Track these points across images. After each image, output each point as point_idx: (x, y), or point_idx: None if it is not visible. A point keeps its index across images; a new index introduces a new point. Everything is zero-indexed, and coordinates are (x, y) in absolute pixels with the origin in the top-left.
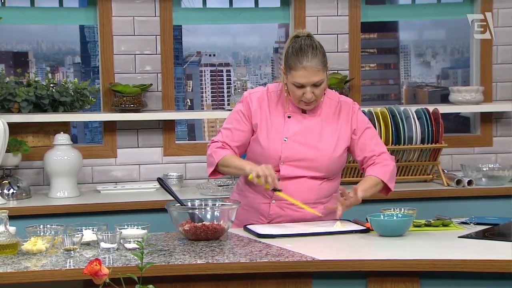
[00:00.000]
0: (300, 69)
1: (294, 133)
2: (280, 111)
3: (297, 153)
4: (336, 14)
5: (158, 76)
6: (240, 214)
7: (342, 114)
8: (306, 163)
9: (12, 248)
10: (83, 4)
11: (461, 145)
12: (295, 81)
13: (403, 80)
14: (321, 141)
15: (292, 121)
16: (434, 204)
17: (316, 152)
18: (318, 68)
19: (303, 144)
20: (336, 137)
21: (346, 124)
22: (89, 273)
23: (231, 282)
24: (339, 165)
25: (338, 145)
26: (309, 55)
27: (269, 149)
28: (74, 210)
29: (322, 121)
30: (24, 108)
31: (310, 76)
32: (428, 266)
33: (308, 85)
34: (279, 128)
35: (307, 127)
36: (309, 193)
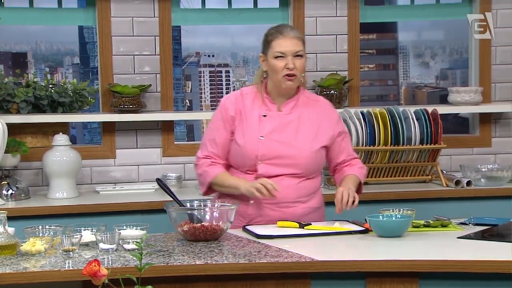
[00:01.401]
0: (281, 37)
1: (270, 131)
2: (256, 111)
3: (273, 151)
4: (335, 15)
5: (157, 77)
6: None
7: (321, 113)
8: (284, 161)
9: (11, 249)
10: (82, 5)
11: (460, 145)
12: (276, 51)
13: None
14: (298, 138)
15: (268, 120)
16: (433, 205)
17: (293, 149)
18: (298, 38)
19: (280, 141)
20: (313, 134)
21: (326, 126)
22: (88, 274)
23: (230, 282)
24: (317, 162)
25: (315, 142)
26: (288, 27)
27: (246, 148)
28: (73, 211)
29: (299, 118)
30: (23, 109)
31: (290, 44)
32: (427, 266)
33: (289, 54)
34: (255, 127)
35: (283, 124)
36: (288, 191)
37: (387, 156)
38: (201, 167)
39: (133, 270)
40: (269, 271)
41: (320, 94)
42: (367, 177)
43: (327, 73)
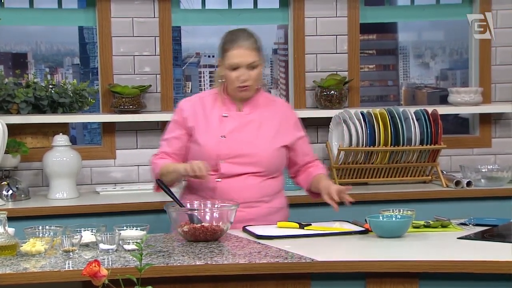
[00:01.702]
0: (235, 48)
1: (231, 130)
2: (216, 112)
3: (235, 149)
4: (335, 15)
5: (157, 77)
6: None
7: (281, 113)
8: (245, 159)
9: (11, 250)
10: (82, 5)
11: (460, 146)
12: (230, 62)
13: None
14: (258, 137)
15: (229, 120)
16: (433, 205)
17: (254, 148)
18: (252, 48)
19: (241, 140)
20: (273, 132)
21: (288, 127)
22: (88, 275)
23: (230, 283)
24: (279, 161)
25: (276, 141)
26: (243, 36)
27: (207, 147)
28: (73, 211)
29: (259, 117)
30: (23, 109)
31: (244, 55)
32: (427, 267)
33: (243, 66)
34: (216, 128)
35: (244, 124)
36: (251, 191)
37: (387, 156)
38: (151, 164)
39: (133, 270)
40: (269, 272)
41: (320, 94)
42: (367, 178)
43: (327, 73)
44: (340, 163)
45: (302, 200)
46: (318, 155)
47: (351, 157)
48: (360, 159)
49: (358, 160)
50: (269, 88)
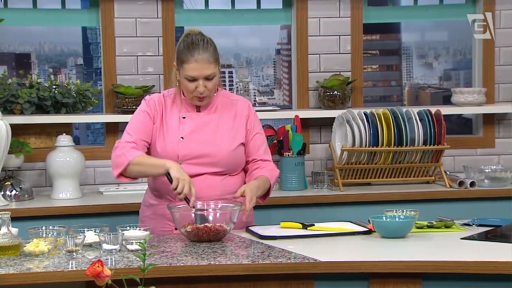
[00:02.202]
0: (192, 61)
1: (190, 131)
2: (175, 113)
3: (194, 150)
4: (338, 16)
5: (160, 78)
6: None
7: (238, 112)
8: (205, 160)
9: (14, 250)
10: (85, 6)
11: (463, 146)
12: (187, 75)
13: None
14: (217, 137)
15: (187, 121)
16: (437, 206)
17: (213, 148)
18: (209, 61)
19: (200, 141)
20: (232, 132)
21: (242, 123)
22: (91, 275)
23: (233, 283)
24: (238, 159)
25: (234, 141)
26: (200, 48)
27: (167, 150)
28: (76, 212)
29: (218, 117)
30: (26, 110)
31: (202, 69)
32: (431, 267)
33: (200, 78)
34: (175, 129)
35: (203, 124)
36: (212, 189)
37: (390, 157)
38: (121, 149)
39: (137, 270)
40: (273, 272)
41: (323, 94)
42: (370, 178)
43: (330, 73)
44: (343, 163)
45: (305, 201)
46: (322, 155)
47: (354, 158)
48: (363, 160)
49: (361, 160)
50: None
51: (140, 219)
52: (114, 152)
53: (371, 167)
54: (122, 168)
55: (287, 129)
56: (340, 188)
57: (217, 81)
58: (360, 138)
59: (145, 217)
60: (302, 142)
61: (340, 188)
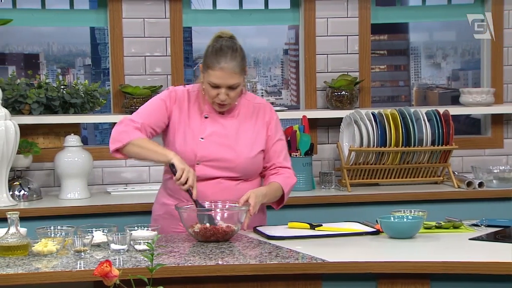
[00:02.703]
0: (218, 69)
1: (210, 133)
2: (198, 112)
3: (213, 153)
4: (346, 16)
5: (168, 78)
6: (161, 223)
7: (259, 116)
8: (222, 163)
9: (23, 249)
10: (93, 6)
11: (471, 147)
12: (210, 81)
13: (413, 81)
14: (238, 142)
15: (209, 121)
16: (445, 206)
17: (232, 153)
18: (235, 71)
19: (220, 144)
20: (253, 138)
21: (263, 128)
22: (99, 275)
23: (240, 284)
24: (255, 166)
25: (255, 147)
26: (228, 56)
27: (186, 149)
28: (84, 212)
29: (239, 122)
30: (35, 110)
31: (226, 78)
32: (439, 268)
33: (223, 87)
34: (196, 128)
35: (224, 127)
36: (226, 194)
37: (398, 157)
38: (125, 126)
39: (144, 271)
40: (280, 272)
41: (331, 95)
42: (378, 178)
43: (338, 74)
44: (351, 163)
45: (313, 201)
46: (330, 156)
47: (362, 158)
48: (371, 160)
49: (369, 160)
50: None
51: (152, 217)
52: (117, 126)
53: (379, 167)
54: (121, 145)
55: (295, 129)
56: (348, 188)
57: (240, 90)
58: (368, 139)
59: (157, 215)
60: (309, 143)
61: (348, 188)
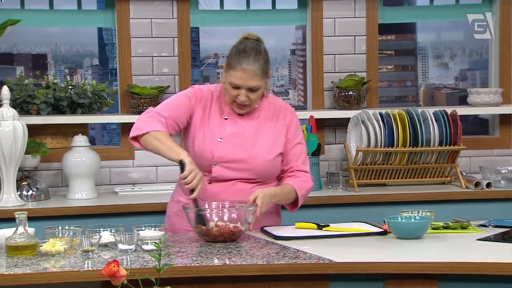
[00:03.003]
0: (239, 70)
1: (229, 134)
2: (218, 112)
3: (230, 154)
4: (353, 16)
5: (176, 78)
6: (174, 220)
7: (280, 119)
8: (239, 165)
9: (31, 249)
10: (101, 7)
11: (479, 147)
12: (231, 81)
13: (420, 82)
14: (256, 144)
15: (229, 123)
16: (453, 207)
17: (249, 155)
18: (256, 74)
19: (238, 145)
20: (272, 141)
21: (283, 132)
22: (107, 275)
23: (248, 284)
24: (273, 169)
25: (273, 150)
26: (250, 58)
27: (204, 148)
28: (92, 212)
29: (259, 124)
30: (42, 110)
31: (247, 79)
32: (447, 268)
33: (244, 88)
34: (215, 129)
35: (243, 129)
36: (240, 196)
37: (406, 157)
38: (151, 117)
39: (152, 271)
40: (288, 272)
41: (338, 95)
42: (385, 179)
43: (345, 74)
44: (358, 164)
45: (320, 201)
46: (337, 156)
47: (370, 158)
48: (379, 160)
49: (376, 161)
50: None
51: (166, 214)
52: (143, 115)
53: (387, 167)
54: (139, 133)
55: (302, 130)
56: (355, 188)
57: (261, 93)
58: (375, 139)
59: (171, 212)
60: (317, 143)
61: (355, 188)
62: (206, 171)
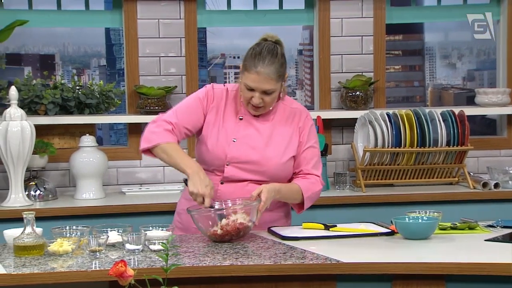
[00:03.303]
0: (253, 72)
1: (244, 135)
2: (233, 112)
3: (244, 155)
4: (360, 16)
5: (183, 79)
6: (184, 218)
7: (294, 121)
8: (252, 167)
9: (38, 249)
10: (108, 7)
11: (487, 147)
12: (246, 83)
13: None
14: (270, 146)
15: (244, 123)
16: (460, 207)
17: (262, 156)
18: (271, 77)
19: (251, 147)
20: (285, 143)
21: (296, 134)
22: (114, 275)
23: (255, 284)
24: (285, 172)
25: (286, 153)
26: (265, 61)
27: (217, 148)
28: (99, 212)
29: (273, 126)
30: (50, 110)
31: (261, 82)
32: (454, 269)
33: (258, 91)
34: (230, 129)
35: (258, 130)
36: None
37: (413, 158)
38: (158, 127)
39: (159, 271)
40: (295, 273)
41: (345, 95)
42: (392, 179)
43: (353, 74)
44: (366, 164)
45: (327, 201)
46: (344, 156)
47: (377, 158)
48: (386, 160)
49: (383, 161)
50: (294, 89)
51: (176, 211)
52: (150, 125)
53: (394, 168)
54: (150, 146)
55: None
56: (363, 189)
57: (276, 96)
58: (383, 139)
59: (182, 210)
60: (324, 143)
61: (362, 189)
62: (219, 170)
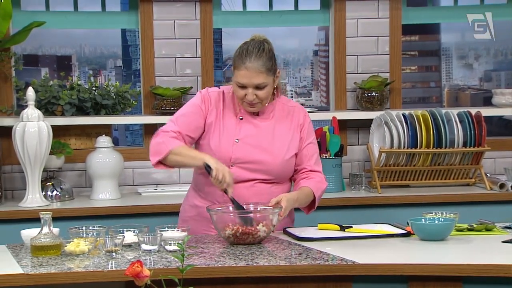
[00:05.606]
0: (243, 69)
1: (246, 135)
2: (233, 113)
3: (248, 155)
4: (376, 17)
5: (198, 79)
6: (192, 224)
7: (294, 119)
8: (257, 166)
9: (55, 249)
10: (125, 8)
11: (504, 148)
12: (237, 81)
13: (444, 82)
14: (273, 144)
15: (244, 123)
16: (477, 208)
17: (267, 155)
18: (260, 70)
19: (255, 146)
20: (288, 141)
21: (297, 132)
22: (130, 275)
23: (270, 285)
24: (288, 170)
25: (290, 149)
26: (252, 56)
27: (220, 150)
28: (115, 212)
29: (275, 124)
30: (67, 111)
31: (251, 77)
32: (471, 271)
33: (250, 86)
34: (231, 130)
35: (260, 129)
36: (260, 197)
37: (430, 159)
38: (162, 137)
39: (175, 271)
40: (310, 274)
41: (361, 96)
42: (408, 180)
43: (369, 75)
44: (382, 165)
45: (343, 202)
46: (360, 157)
47: (393, 159)
48: (402, 161)
49: (399, 162)
50: (309, 89)
51: (181, 218)
52: (155, 139)
53: (410, 169)
54: (162, 156)
55: (325, 131)
56: (378, 190)
57: (269, 90)
58: (399, 140)
59: (188, 217)
60: (339, 144)
61: (378, 190)
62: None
